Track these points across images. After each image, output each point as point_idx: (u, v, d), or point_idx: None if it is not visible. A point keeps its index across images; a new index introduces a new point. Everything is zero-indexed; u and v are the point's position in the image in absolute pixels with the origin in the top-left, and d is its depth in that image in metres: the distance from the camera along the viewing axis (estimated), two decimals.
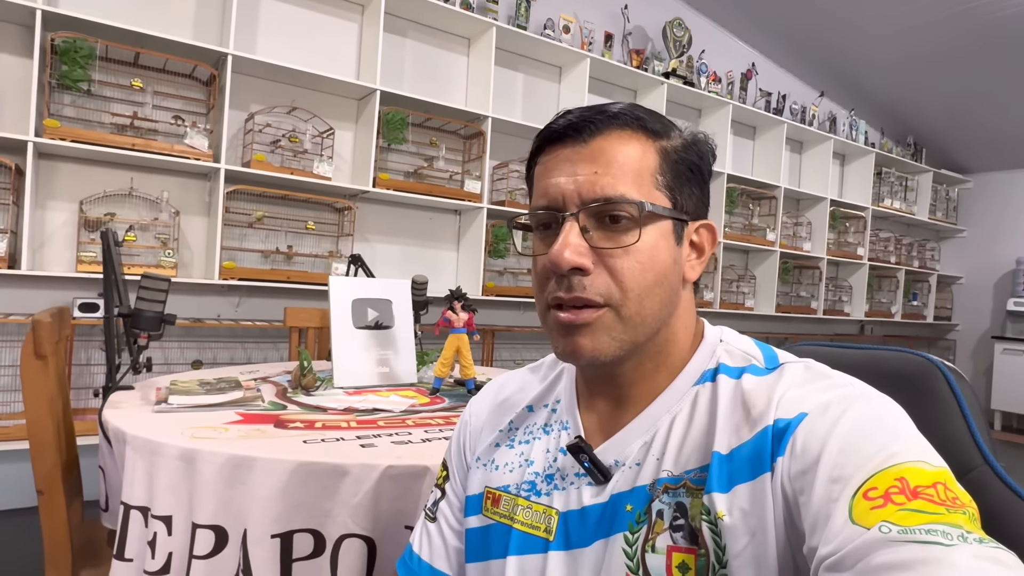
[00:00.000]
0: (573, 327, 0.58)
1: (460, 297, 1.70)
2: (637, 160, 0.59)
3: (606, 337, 0.58)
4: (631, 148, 0.60)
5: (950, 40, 4.27)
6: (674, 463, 0.58)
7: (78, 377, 2.62)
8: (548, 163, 0.62)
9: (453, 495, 0.76)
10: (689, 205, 0.62)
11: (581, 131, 0.60)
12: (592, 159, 0.59)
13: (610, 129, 0.60)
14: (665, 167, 0.61)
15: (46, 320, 1.18)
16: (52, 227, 2.64)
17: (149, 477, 1.03)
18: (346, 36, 3.25)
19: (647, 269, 0.58)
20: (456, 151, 3.51)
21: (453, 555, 0.74)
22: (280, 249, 3.04)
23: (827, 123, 5.12)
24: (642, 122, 0.61)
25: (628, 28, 4.09)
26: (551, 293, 0.59)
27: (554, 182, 0.60)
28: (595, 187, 0.58)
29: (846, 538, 0.43)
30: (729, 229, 4.43)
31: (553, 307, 0.60)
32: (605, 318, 0.58)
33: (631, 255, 0.58)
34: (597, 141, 0.60)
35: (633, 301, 0.58)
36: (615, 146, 0.60)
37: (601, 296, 0.57)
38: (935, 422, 0.63)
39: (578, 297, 0.58)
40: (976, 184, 6.11)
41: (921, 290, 5.83)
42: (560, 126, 0.61)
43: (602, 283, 0.58)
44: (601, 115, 0.60)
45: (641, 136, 0.61)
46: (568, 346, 0.59)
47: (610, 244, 0.58)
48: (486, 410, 0.77)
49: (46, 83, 2.47)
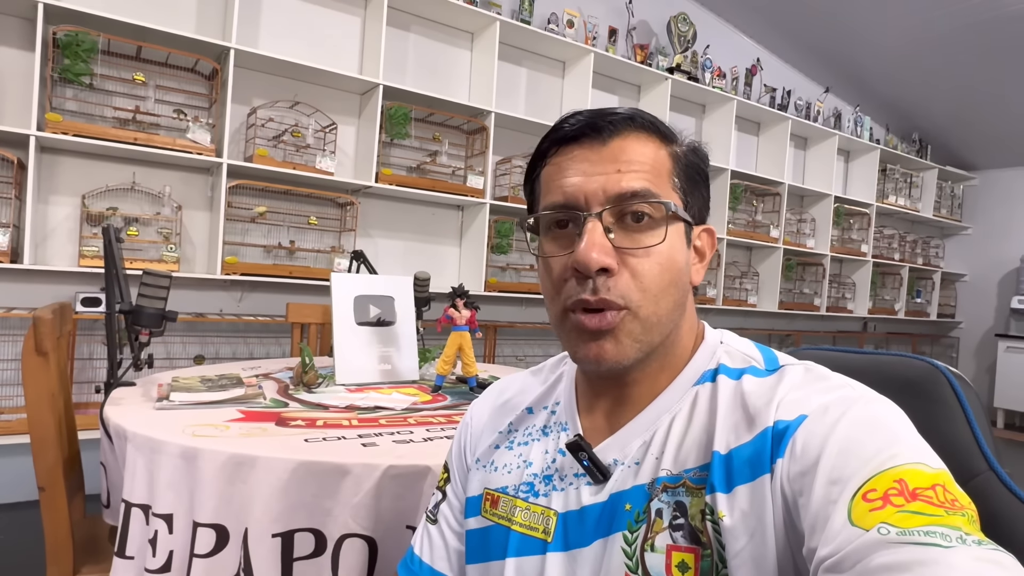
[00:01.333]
0: (599, 332, 0.58)
1: (462, 295, 1.70)
2: (655, 161, 0.60)
3: (629, 341, 0.58)
4: (648, 149, 0.60)
5: (956, 36, 4.24)
6: (673, 462, 0.58)
7: (81, 372, 2.63)
8: (562, 163, 0.61)
9: (454, 497, 0.76)
10: (695, 209, 0.63)
11: (600, 131, 0.59)
12: (613, 158, 0.59)
13: (627, 130, 0.60)
14: (678, 170, 0.61)
15: (47, 316, 1.18)
16: (54, 221, 2.64)
17: (150, 475, 1.03)
18: (349, 30, 3.24)
19: (666, 270, 0.58)
20: (459, 146, 3.50)
21: (454, 557, 0.74)
22: (282, 244, 3.04)
23: (832, 119, 5.10)
24: (655, 126, 0.61)
25: (632, 23, 4.07)
26: (573, 296, 0.58)
27: (573, 181, 0.59)
28: (620, 183, 0.58)
29: (845, 539, 0.43)
30: (732, 225, 4.42)
31: (573, 311, 0.59)
32: (626, 321, 0.57)
33: (652, 256, 0.58)
34: (616, 141, 0.59)
35: (650, 303, 0.58)
36: (634, 146, 0.59)
37: (622, 298, 0.57)
38: (939, 428, 0.63)
39: (603, 299, 0.57)
40: (982, 181, 6.08)
41: (925, 287, 5.82)
42: (574, 126, 0.61)
43: (624, 284, 0.57)
44: (616, 116, 0.60)
45: (655, 139, 0.61)
46: (592, 351, 0.58)
47: (632, 244, 0.58)
48: (487, 413, 0.77)
49: (48, 77, 2.46)
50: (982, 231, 6.06)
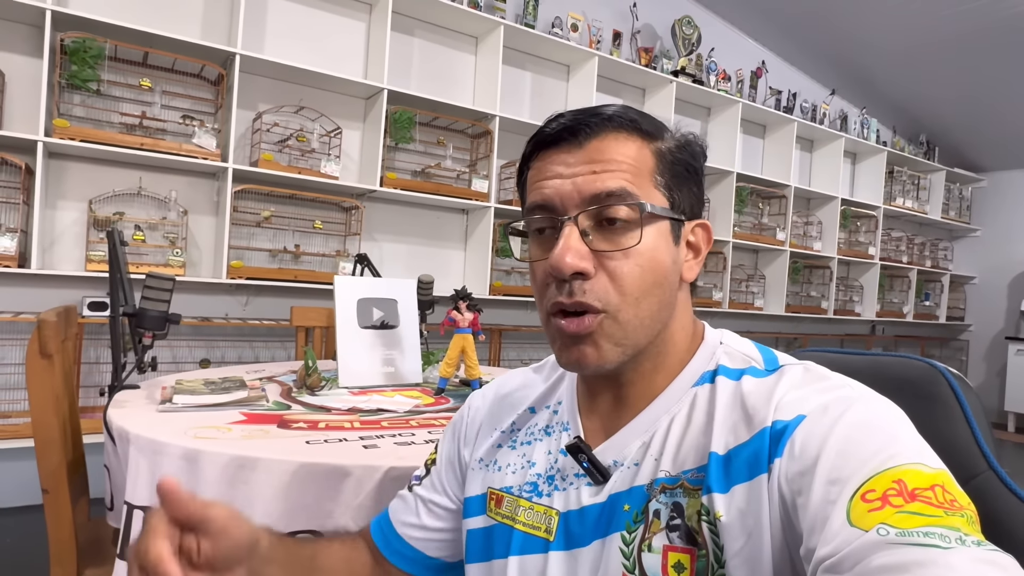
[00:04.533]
0: (577, 337, 0.58)
1: (465, 297, 1.70)
2: (635, 160, 0.59)
3: (609, 345, 0.58)
4: (628, 148, 0.59)
5: (963, 37, 4.22)
6: (671, 463, 0.58)
7: (87, 375, 2.64)
8: (541, 167, 0.61)
9: (436, 477, 0.80)
10: (685, 205, 0.62)
11: (576, 133, 0.59)
12: (589, 159, 0.59)
13: (605, 131, 0.59)
14: (662, 167, 0.60)
15: (51, 319, 1.18)
16: (62, 226, 2.66)
17: (152, 477, 1.03)
18: (354, 35, 3.26)
19: (647, 271, 0.58)
20: (463, 150, 3.51)
21: (421, 529, 0.78)
22: (288, 248, 3.05)
23: (838, 121, 5.08)
24: (636, 124, 0.60)
25: (637, 26, 4.07)
26: (551, 299, 0.59)
27: (550, 184, 0.59)
28: (595, 183, 0.57)
29: (844, 540, 0.42)
30: (739, 228, 4.40)
31: (553, 314, 0.59)
32: (604, 324, 0.57)
33: (631, 258, 0.57)
34: (593, 143, 0.59)
35: (630, 305, 0.58)
36: (612, 146, 0.59)
37: (599, 301, 0.57)
38: (939, 428, 0.63)
39: (579, 302, 0.57)
40: (990, 183, 6.04)
41: (933, 290, 5.78)
42: (553, 129, 0.61)
43: (601, 288, 0.57)
44: (596, 117, 0.60)
45: (636, 137, 0.60)
46: (572, 356, 0.59)
47: (610, 247, 0.57)
48: (486, 406, 0.78)
49: (56, 83, 2.49)
50: (991, 233, 6.02)
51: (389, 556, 0.77)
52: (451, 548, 0.77)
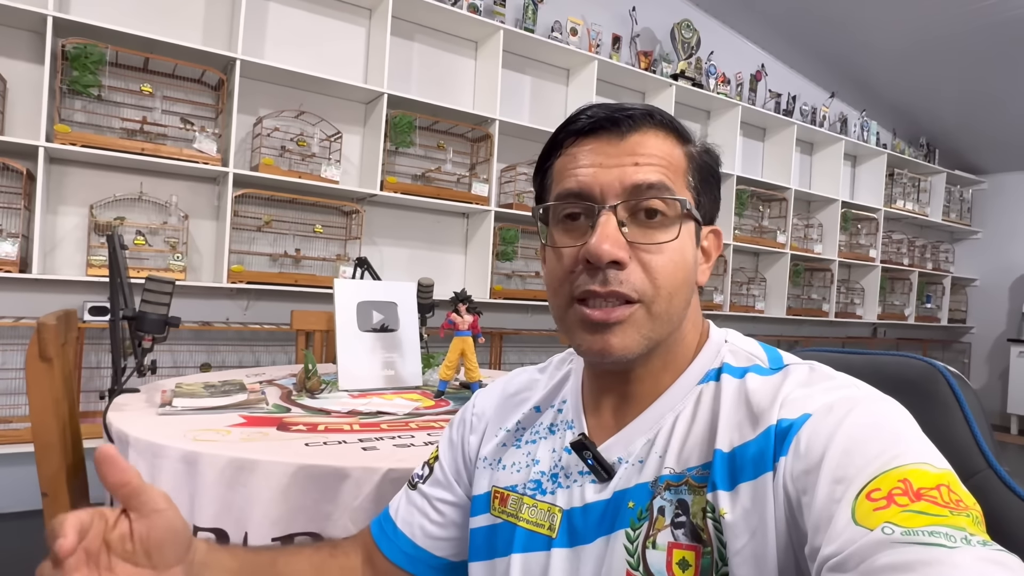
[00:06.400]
0: (605, 325, 0.58)
1: (465, 299, 1.70)
2: (673, 158, 0.60)
3: (636, 335, 0.58)
4: (666, 146, 0.60)
5: (963, 39, 4.23)
6: (676, 460, 0.58)
7: (88, 380, 2.64)
8: (578, 154, 0.61)
9: (440, 473, 0.79)
10: (706, 209, 0.63)
11: (619, 124, 0.59)
12: (631, 151, 0.59)
13: (646, 126, 0.60)
14: (692, 169, 0.61)
15: (51, 323, 1.19)
16: (63, 231, 2.67)
17: (151, 479, 1.03)
18: (354, 40, 3.27)
19: (679, 268, 0.58)
20: (463, 154, 3.52)
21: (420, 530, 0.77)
22: (288, 252, 3.05)
23: (838, 124, 5.08)
24: (673, 124, 0.61)
25: (636, 30, 4.08)
26: (580, 286, 0.58)
27: (589, 172, 0.59)
28: (636, 175, 0.58)
29: (849, 539, 0.42)
30: (739, 231, 4.40)
31: (579, 302, 0.59)
32: (637, 315, 0.58)
33: (665, 252, 0.58)
34: (635, 135, 0.59)
35: (664, 299, 0.58)
36: (652, 142, 0.59)
37: (636, 291, 0.57)
38: (938, 426, 0.62)
39: (614, 291, 0.57)
40: (991, 185, 6.04)
41: (935, 292, 5.77)
42: (593, 117, 0.61)
43: (637, 278, 0.57)
44: (635, 111, 0.60)
45: (673, 137, 0.61)
46: (597, 344, 0.58)
47: (646, 240, 0.58)
48: (492, 405, 0.78)
49: (57, 88, 2.50)
50: (992, 235, 6.01)
51: (392, 556, 0.76)
52: (457, 547, 0.77)
